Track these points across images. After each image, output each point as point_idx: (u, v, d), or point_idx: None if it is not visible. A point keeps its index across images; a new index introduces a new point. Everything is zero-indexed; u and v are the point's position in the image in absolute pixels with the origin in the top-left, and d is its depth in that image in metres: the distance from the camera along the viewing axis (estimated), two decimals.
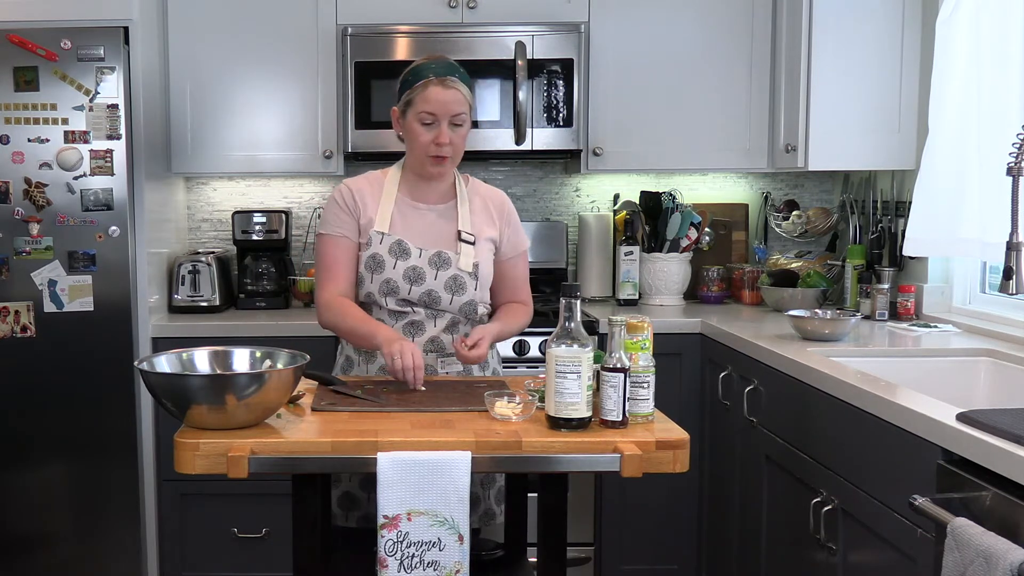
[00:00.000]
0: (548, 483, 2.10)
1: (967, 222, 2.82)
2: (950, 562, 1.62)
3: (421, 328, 2.40)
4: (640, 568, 3.34)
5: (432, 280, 2.37)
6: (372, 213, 2.40)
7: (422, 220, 2.42)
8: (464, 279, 2.38)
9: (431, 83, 2.30)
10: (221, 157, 3.50)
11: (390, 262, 2.37)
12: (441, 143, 2.32)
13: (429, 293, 2.37)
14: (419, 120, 2.32)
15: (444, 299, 2.38)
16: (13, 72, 3.09)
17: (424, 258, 2.37)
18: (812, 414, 2.39)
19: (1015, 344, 2.65)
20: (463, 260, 2.38)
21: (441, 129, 2.31)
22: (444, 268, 2.37)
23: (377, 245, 2.38)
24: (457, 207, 2.43)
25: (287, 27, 3.45)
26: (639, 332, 1.97)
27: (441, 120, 2.31)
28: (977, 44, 2.80)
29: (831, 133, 3.24)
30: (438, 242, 2.40)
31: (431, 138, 2.32)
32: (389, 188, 2.42)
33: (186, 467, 1.83)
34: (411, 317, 2.39)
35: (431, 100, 2.30)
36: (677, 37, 3.47)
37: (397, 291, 2.37)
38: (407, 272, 2.37)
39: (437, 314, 2.40)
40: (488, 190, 2.51)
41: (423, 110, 2.31)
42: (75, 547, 3.23)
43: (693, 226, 3.63)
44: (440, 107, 2.30)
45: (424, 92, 2.30)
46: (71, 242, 3.13)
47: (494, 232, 2.46)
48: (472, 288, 2.39)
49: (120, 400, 3.18)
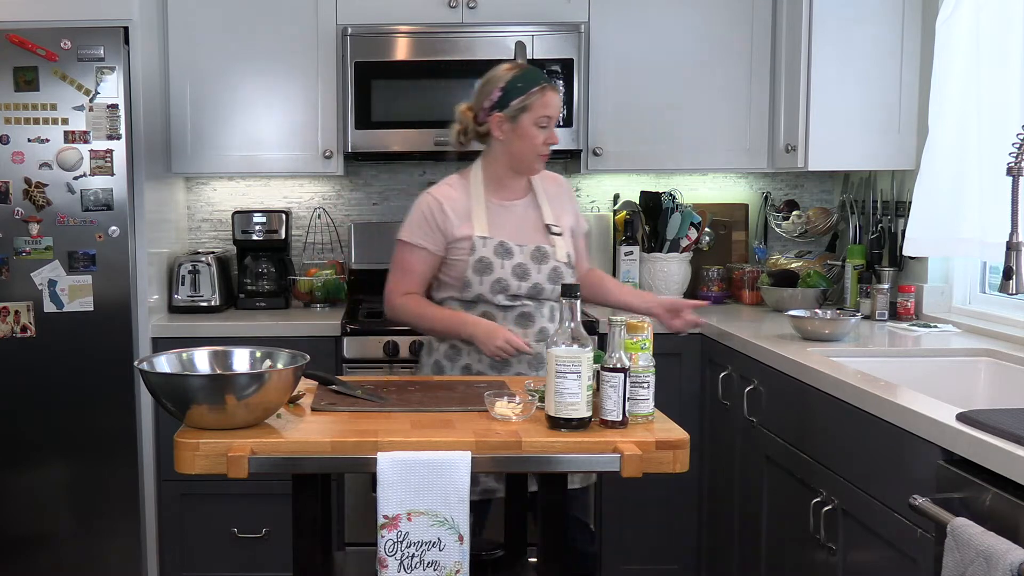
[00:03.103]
0: (548, 483, 2.10)
1: (967, 222, 2.81)
2: (950, 562, 1.62)
3: (531, 319, 2.58)
4: (640, 568, 3.34)
5: (536, 274, 2.56)
6: (464, 222, 2.55)
7: (512, 218, 2.59)
8: (562, 269, 2.58)
9: (547, 89, 2.51)
10: (221, 157, 3.50)
11: (497, 263, 2.54)
12: (553, 142, 2.54)
13: (535, 286, 2.55)
14: (537, 123, 2.51)
15: (548, 290, 2.57)
16: (13, 72, 3.09)
17: (526, 254, 2.56)
18: (812, 414, 2.39)
19: (1015, 344, 2.65)
20: (559, 252, 2.59)
21: (552, 131, 2.53)
22: (545, 262, 2.57)
23: (482, 249, 2.53)
24: (537, 201, 2.62)
25: (287, 27, 3.45)
26: (639, 332, 1.97)
27: (552, 123, 2.53)
28: (977, 44, 2.80)
29: (831, 133, 3.24)
30: (532, 237, 2.58)
31: (544, 139, 2.52)
32: (476, 191, 2.59)
33: (186, 467, 1.83)
34: (521, 309, 2.57)
35: (550, 104, 2.51)
36: (677, 37, 3.47)
37: (508, 288, 2.54)
38: (514, 270, 2.54)
39: (541, 304, 2.59)
40: (551, 176, 2.70)
41: (543, 114, 2.50)
42: (75, 547, 3.23)
43: (693, 226, 3.63)
44: (555, 111, 2.53)
45: (543, 98, 2.50)
46: (71, 242, 3.13)
47: (571, 217, 2.68)
48: (568, 276, 2.59)
49: (120, 400, 3.18)
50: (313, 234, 3.82)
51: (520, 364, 2.55)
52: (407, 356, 3.23)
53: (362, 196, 3.87)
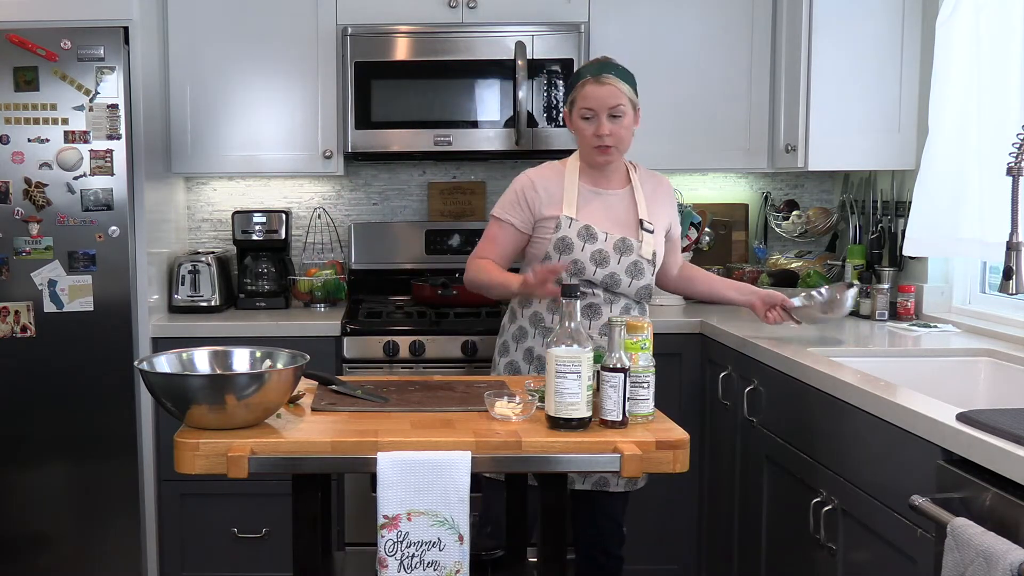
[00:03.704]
0: (548, 483, 2.10)
1: (967, 222, 2.81)
2: (950, 562, 1.62)
3: (598, 311, 2.63)
4: (640, 568, 3.33)
5: (615, 264, 2.61)
6: (556, 201, 2.62)
7: (604, 205, 2.65)
8: (644, 265, 2.63)
9: (588, 82, 2.57)
10: (221, 157, 3.50)
11: (578, 245, 2.59)
12: (601, 134, 2.57)
13: (611, 276, 2.61)
14: (581, 116, 2.60)
15: (624, 282, 2.62)
16: (13, 72, 3.09)
17: (610, 242, 2.61)
18: (812, 414, 2.39)
19: (1015, 344, 2.65)
20: (644, 248, 2.63)
21: (600, 122, 2.56)
22: (627, 254, 2.61)
23: (566, 228, 2.60)
24: (634, 194, 2.68)
25: (287, 27, 3.45)
26: (639, 332, 1.98)
27: (600, 113, 2.56)
28: (977, 44, 2.80)
29: (831, 133, 3.24)
30: (622, 227, 2.63)
31: (592, 131, 2.58)
32: (571, 176, 2.66)
33: (186, 467, 1.84)
34: (590, 300, 2.63)
35: (588, 97, 2.57)
36: (677, 37, 3.47)
37: (583, 271, 2.60)
38: (594, 255, 2.60)
39: (614, 298, 2.64)
40: (656, 176, 2.78)
41: (582, 106, 2.58)
42: (75, 547, 3.23)
43: (693, 226, 3.63)
44: (596, 102, 2.56)
45: (582, 91, 2.58)
46: (71, 242, 3.13)
47: (667, 219, 2.74)
48: (649, 274, 2.64)
49: (120, 400, 3.18)
50: (313, 234, 3.82)
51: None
52: (407, 356, 3.23)
53: (362, 196, 3.87)
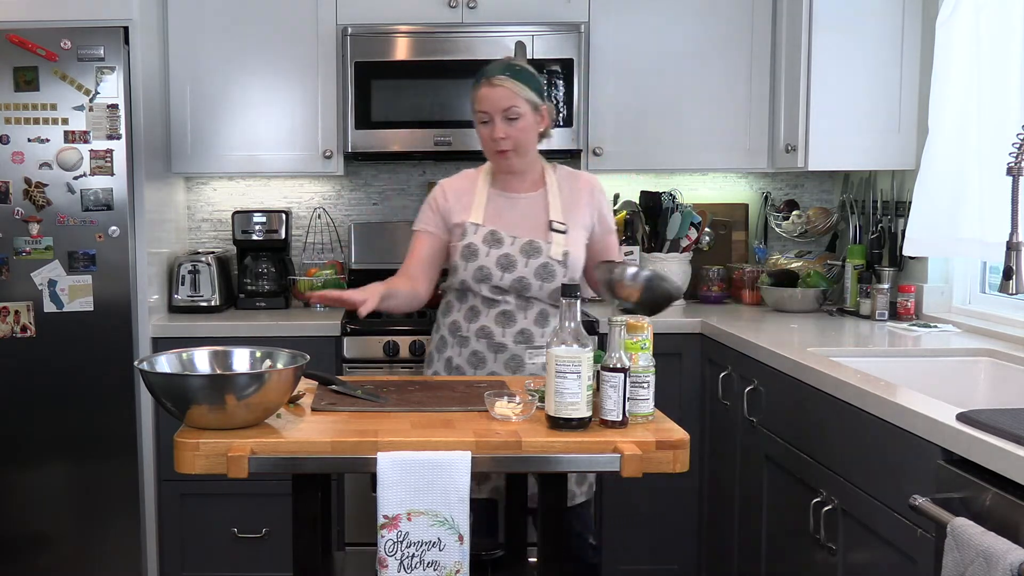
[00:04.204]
0: (548, 483, 2.10)
1: (967, 222, 2.81)
2: (950, 562, 1.62)
3: (512, 319, 2.55)
4: (640, 568, 3.34)
5: (523, 267, 2.52)
6: (466, 208, 2.58)
7: (514, 209, 2.58)
8: (554, 267, 2.52)
9: (480, 85, 2.50)
10: (221, 157, 3.50)
11: (483, 250, 2.53)
12: (496, 137, 2.49)
13: (520, 280, 2.52)
14: (478, 120, 2.53)
15: (534, 286, 2.53)
16: (13, 72, 3.09)
17: (516, 246, 2.53)
18: (812, 414, 2.39)
19: (1015, 344, 2.65)
20: (554, 249, 2.53)
21: (495, 125, 2.49)
22: (535, 256, 2.52)
23: (472, 235, 2.54)
24: (547, 196, 2.58)
25: (287, 27, 3.45)
26: (639, 332, 1.97)
27: (494, 116, 2.48)
28: (977, 44, 2.80)
29: (831, 133, 3.24)
30: (530, 231, 2.55)
31: (488, 134, 2.51)
32: (483, 182, 2.61)
33: (186, 467, 1.83)
34: (503, 307, 2.55)
35: (481, 99, 2.50)
36: (677, 37, 3.47)
37: (490, 278, 2.53)
38: (499, 260, 2.52)
39: (528, 304, 2.56)
40: (577, 175, 2.66)
41: (477, 110, 2.52)
42: (75, 547, 3.23)
43: (693, 226, 3.63)
44: (489, 104, 2.48)
45: (476, 94, 2.51)
46: (71, 242, 3.13)
47: (587, 218, 2.61)
48: (560, 275, 2.52)
49: (120, 400, 3.18)
50: (313, 234, 3.82)
51: (496, 364, 2.55)
52: (407, 356, 3.23)
53: (362, 196, 3.87)
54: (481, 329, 2.56)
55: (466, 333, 2.58)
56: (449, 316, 2.64)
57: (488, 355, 2.55)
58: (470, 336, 2.57)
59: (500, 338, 2.54)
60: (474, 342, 2.56)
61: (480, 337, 2.56)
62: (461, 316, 2.60)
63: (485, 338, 2.55)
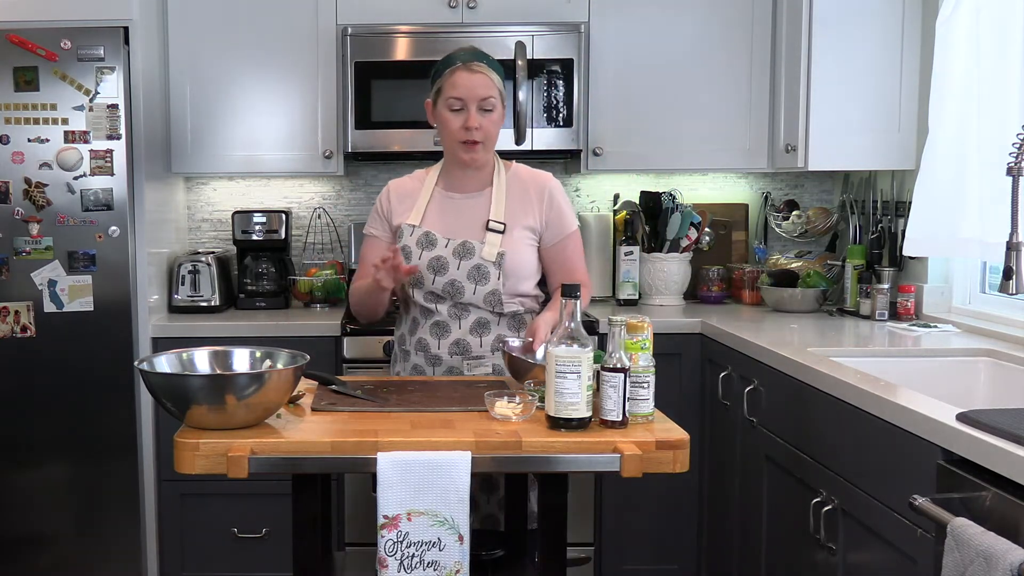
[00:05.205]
0: (548, 483, 2.10)
1: (967, 222, 2.81)
2: (950, 562, 1.62)
3: (446, 329, 2.43)
4: (640, 568, 3.34)
5: (455, 270, 2.39)
6: (406, 210, 2.47)
7: (455, 210, 2.46)
8: (488, 268, 2.39)
9: (458, 69, 2.35)
10: (221, 157, 3.50)
11: (416, 253, 2.42)
12: (470, 127, 2.35)
13: (452, 283, 2.40)
14: (448, 107, 2.37)
15: (468, 289, 2.39)
16: (13, 72, 3.09)
17: (449, 248, 2.41)
18: (812, 414, 2.39)
19: (1015, 344, 2.65)
20: (487, 249, 2.38)
21: (470, 113, 2.35)
22: (467, 258, 2.39)
23: (407, 237, 2.44)
24: (492, 195, 2.44)
25: (287, 27, 3.45)
26: (639, 332, 1.97)
27: (469, 104, 2.35)
28: (977, 44, 2.80)
29: (831, 133, 3.24)
30: (467, 231, 2.42)
31: (460, 123, 2.36)
32: (428, 182, 2.50)
33: (186, 467, 1.83)
34: (436, 317, 2.44)
35: (458, 85, 2.35)
36: (677, 37, 3.47)
37: (422, 281, 2.40)
38: (431, 262, 2.40)
39: (462, 313, 2.42)
40: (531, 174, 2.50)
41: (451, 95, 2.36)
42: (75, 547, 3.23)
43: (693, 226, 3.63)
44: (467, 91, 2.35)
45: (451, 78, 2.36)
46: (71, 242, 3.13)
47: (533, 219, 2.45)
48: (495, 278, 2.39)
49: (120, 400, 3.18)
50: (313, 234, 3.82)
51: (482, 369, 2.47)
52: None
53: (362, 196, 3.87)
54: (419, 342, 2.46)
55: (407, 347, 2.49)
56: (398, 329, 2.58)
57: (427, 368, 2.45)
58: (410, 349, 2.48)
59: (436, 350, 2.44)
60: (414, 356, 2.47)
61: (418, 350, 2.46)
62: (406, 328, 2.52)
63: (423, 351, 2.45)
